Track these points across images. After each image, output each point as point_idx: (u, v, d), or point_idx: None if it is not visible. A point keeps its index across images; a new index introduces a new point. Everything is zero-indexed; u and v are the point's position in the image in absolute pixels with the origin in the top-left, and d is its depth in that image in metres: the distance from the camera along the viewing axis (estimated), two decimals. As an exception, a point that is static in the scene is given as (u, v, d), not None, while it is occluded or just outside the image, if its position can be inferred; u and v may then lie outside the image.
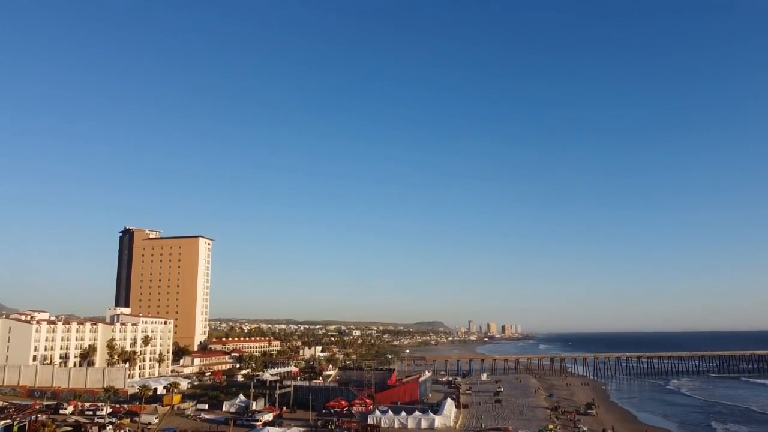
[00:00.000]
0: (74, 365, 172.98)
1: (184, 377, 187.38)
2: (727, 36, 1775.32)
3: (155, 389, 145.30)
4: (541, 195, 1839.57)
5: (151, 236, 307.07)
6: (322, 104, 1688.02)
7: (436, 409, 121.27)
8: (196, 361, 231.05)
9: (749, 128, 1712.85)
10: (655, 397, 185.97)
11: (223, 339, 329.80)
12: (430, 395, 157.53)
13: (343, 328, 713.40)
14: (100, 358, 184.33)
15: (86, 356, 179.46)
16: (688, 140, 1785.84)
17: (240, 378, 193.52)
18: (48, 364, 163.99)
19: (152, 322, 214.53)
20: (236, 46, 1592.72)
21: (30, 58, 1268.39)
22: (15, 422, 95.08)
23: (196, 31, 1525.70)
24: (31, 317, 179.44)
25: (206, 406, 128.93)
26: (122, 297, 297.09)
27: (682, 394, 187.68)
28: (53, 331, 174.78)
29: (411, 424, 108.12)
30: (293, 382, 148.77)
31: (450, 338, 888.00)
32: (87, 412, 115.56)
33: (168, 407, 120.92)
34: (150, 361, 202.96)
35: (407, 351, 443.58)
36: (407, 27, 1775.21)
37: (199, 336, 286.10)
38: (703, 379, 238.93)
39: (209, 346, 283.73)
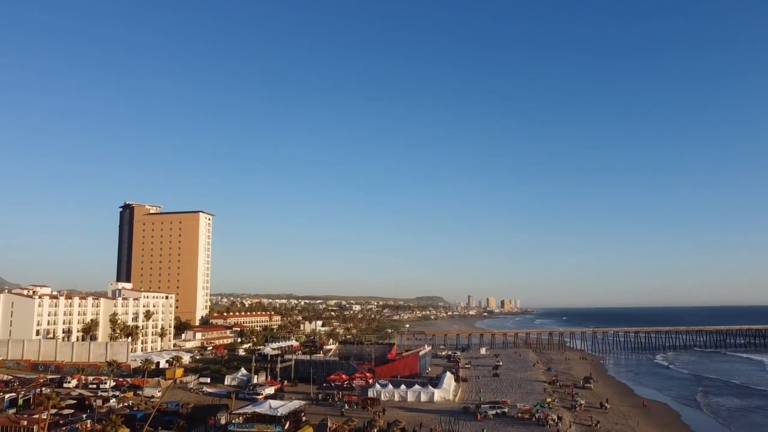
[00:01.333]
0: (77, 339, 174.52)
1: (186, 351, 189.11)
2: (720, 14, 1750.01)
3: (158, 363, 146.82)
4: (540, 171, 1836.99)
5: (151, 211, 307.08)
6: (321, 79, 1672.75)
7: (436, 382, 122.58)
8: (198, 335, 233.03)
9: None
10: (652, 370, 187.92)
11: (225, 314, 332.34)
12: (429, 369, 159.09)
13: (344, 302, 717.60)
14: (102, 332, 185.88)
15: (89, 330, 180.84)
16: (686, 118, 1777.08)
17: (241, 352, 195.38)
18: (51, 338, 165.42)
19: (154, 297, 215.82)
20: (236, 22, 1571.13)
21: (32, 33, 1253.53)
22: (20, 395, 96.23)
23: (196, 7, 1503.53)
24: (34, 292, 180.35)
25: (208, 380, 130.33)
26: (123, 272, 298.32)
27: (675, 369, 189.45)
28: (56, 306, 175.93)
29: (411, 397, 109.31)
30: (294, 356, 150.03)
31: (449, 313, 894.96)
32: (90, 386, 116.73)
33: (170, 381, 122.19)
34: (152, 335, 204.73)
35: (407, 325, 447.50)
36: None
37: (201, 311, 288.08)
38: (699, 354, 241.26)
39: (210, 320, 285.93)
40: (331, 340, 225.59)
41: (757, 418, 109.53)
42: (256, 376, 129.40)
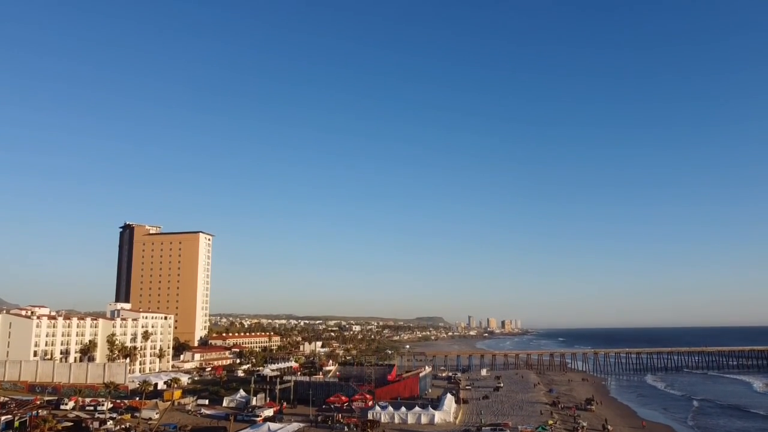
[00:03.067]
0: (75, 360, 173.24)
1: (185, 372, 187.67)
2: (725, 31, 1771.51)
3: (156, 384, 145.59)
4: (541, 190, 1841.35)
5: (151, 232, 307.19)
6: (320, 99, 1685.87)
7: (436, 404, 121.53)
8: (197, 356, 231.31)
9: (751, 124, 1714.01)
10: (653, 392, 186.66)
11: (224, 334, 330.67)
12: (430, 390, 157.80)
13: (344, 323, 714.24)
14: (100, 353, 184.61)
15: (87, 351, 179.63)
16: (687, 135, 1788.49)
17: (240, 373, 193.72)
18: (48, 359, 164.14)
19: (152, 318, 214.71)
20: (236, 42, 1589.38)
21: (32, 51, 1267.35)
22: (16, 417, 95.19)
23: (196, 27, 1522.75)
24: (32, 312, 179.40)
25: (207, 402, 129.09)
26: (122, 292, 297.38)
27: (674, 391, 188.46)
28: (54, 327, 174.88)
29: (411, 419, 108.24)
30: (293, 378, 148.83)
31: (450, 333, 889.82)
32: (88, 408, 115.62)
33: (169, 402, 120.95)
34: (150, 356, 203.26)
35: (407, 346, 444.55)
36: (408, 19, 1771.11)
37: (200, 331, 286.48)
38: (693, 375, 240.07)
39: (209, 341, 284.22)
40: (330, 361, 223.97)
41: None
42: (254, 398, 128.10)
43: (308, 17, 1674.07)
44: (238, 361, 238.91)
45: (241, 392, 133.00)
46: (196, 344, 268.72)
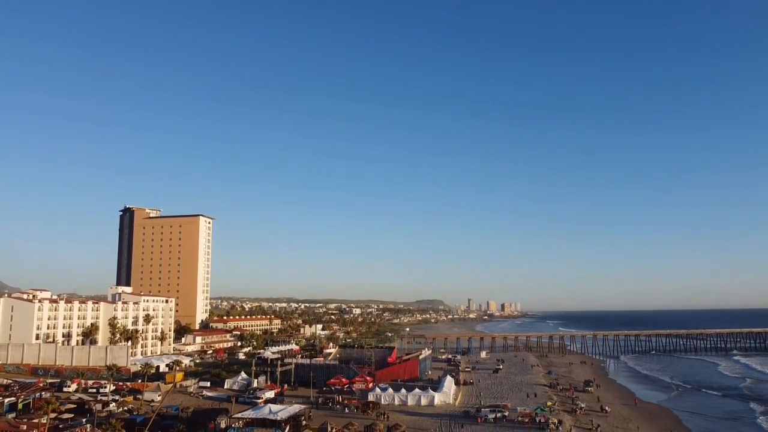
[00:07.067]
0: (77, 343, 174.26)
1: (186, 355, 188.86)
2: (728, 15, 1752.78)
3: (158, 367, 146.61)
4: (539, 174, 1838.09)
5: (151, 215, 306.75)
6: (322, 83, 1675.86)
7: (436, 386, 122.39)
8: (198, 339, 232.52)
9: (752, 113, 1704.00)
10: (651, 374, 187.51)
11: (225, 317, 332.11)
12: (429, 373, 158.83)
13: (344, 306, 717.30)
14: (102, 336, 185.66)
15: (88, 335, 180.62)
16: (686, 119, 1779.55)
17: (241, 356, 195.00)
18: (51, 342, 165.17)
19: (154, 301, 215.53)
20: (235, 26, 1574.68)
21: (30, 37, 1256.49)
22: (19, 399, 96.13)
23: (196, 12, 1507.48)
24: (33, 296, 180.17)
25: (208, 384, 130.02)
26: (123, 276, 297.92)
27: (671, 372, 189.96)
28: (55, 310, 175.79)
29: (411, 401, 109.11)
30: (294, 360, 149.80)
31: (450, 316, 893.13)
32: (90, 390, 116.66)
33: (170, 385, 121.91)
34: (152, 339, 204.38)
35: (407, 329, 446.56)
36: (409, 3, 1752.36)
37: (201, 314, 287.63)
38: (680, 358, 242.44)
39: (210, 324, 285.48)
40: (331, 344, 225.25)
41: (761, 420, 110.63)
42: (256, 380, 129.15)
43: (306, 3, 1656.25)
44: (239, 343, 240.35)
45: (243, 374, 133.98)
46: (197, 327, 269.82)
